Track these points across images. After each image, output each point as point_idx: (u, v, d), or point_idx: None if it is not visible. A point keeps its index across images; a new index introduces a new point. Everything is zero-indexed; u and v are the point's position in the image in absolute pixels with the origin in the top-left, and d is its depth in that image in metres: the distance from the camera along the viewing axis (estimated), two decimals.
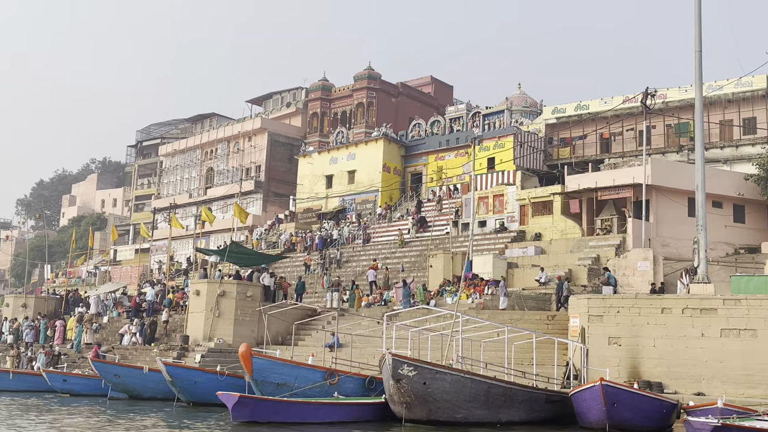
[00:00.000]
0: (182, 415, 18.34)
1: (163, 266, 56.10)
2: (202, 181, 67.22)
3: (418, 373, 14.75)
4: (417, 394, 14.92)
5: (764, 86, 37.98)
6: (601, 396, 15.01)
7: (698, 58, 24.69)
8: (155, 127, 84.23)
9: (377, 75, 60.99)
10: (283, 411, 15.40)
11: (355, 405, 16.44)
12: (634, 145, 41.67)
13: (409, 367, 14.66)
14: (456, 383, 15.06)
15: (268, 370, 16.63)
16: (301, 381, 16.87)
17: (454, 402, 15.19)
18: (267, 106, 69.91)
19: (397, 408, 15.61)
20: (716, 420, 12.20)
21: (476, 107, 49.37)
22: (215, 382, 19.79)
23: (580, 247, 34.64)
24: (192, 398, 20.47)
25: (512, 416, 16.29)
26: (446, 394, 15.07)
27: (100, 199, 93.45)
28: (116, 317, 35.99)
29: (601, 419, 15.54)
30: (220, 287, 28.69)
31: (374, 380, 17.83)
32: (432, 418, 15.32)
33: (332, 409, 16.01)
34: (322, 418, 15.67)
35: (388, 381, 15.10)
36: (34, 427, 15.60)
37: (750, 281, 23.10)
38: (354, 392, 17.41)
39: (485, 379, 15.78)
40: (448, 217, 43.91)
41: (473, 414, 15.57)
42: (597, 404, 15.27)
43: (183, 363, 21.25)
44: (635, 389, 16.08)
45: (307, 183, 55.29)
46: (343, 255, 43.42)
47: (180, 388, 20.25)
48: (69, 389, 24.30)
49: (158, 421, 17.23)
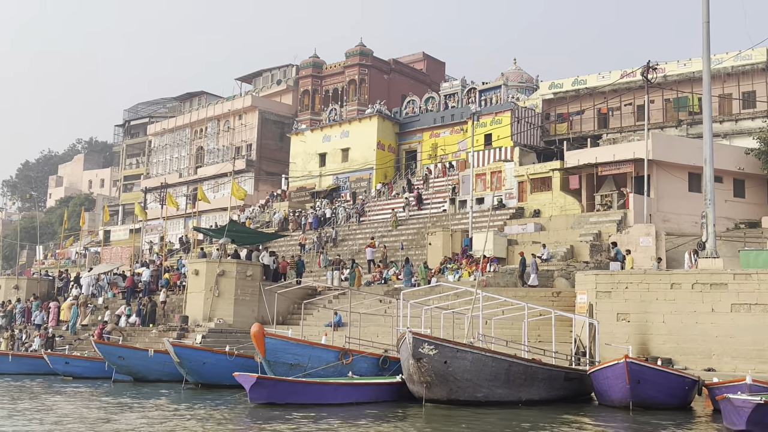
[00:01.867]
0: (193, 397, 17.83)
1: (154, 246, 55.52)
2: (192, 160, 66.48)
3: (439, 352, 14.35)
4: (438, 374, 14.53)
5: (764, 59, 37.66)
6: (626, 373, 14.67)
7: (706, 29, 24.32)
8: (143, 106, 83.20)
9: (369, 51, 60.27)
10: (302, 392, 14.96)
11: (373, 385, 16.02)
12: (633, 120, 41.36)
13: (430, 345, 14.26)
14: (477, 362, 14.68)
15: (281, 350, 16.15)
16: (314, 361, 16.44)
17: (475, 381, 14.83)
18: (257, 83, 69.03)
19: (417, 388, 15.24)
20: (759, 398, 11.85)
21: (472, 83, 48.81)
22: (224, 363, 19.35)
23: (580, 223, 34.35)
24: (200, 380, 20.00)
25: (532, 395, 15.96)
26: (467, 373, 14.71)
27: (88, 180, 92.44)
28: (111, 298, 35.45)
29: (624, 397, 15.22)
30: (219, 267, 28.20)
31: (388, 359, 17.44)
32: (452, 398, 14.97)
33: (351, 390, 15.59)
34: (341, 398, 15.25)
35: (407, 360, 14.67)
36: (56, 413, 14.99)
37: (759, 255, 22.88)
38: (368, 371, 16.99)
39: (506, 358, 15.42)
40: (444, 194, 43.51)
41: (494, 393, 15.22)
42: (621, 382, 14.94)
43: (191, 344, 20.72)
44: (659, 366, 15.76)
45: (300, 161, 54.67)
46: (339, 234, 43.00)
47: (188, 369, 19.73)
48: (71, 372, 23.72)
49: (170, 403, 16.71)
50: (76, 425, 13.22)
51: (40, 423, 13.53)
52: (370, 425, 13.39)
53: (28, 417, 14.29)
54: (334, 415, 14.01)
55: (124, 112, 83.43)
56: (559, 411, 15.52)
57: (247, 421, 13.86)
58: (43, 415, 14.65)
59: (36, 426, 13.17)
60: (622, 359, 14.91)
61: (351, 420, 13.69)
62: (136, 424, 13.36)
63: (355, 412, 14.49)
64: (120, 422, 13.62)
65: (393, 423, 13.83)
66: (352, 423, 13.43)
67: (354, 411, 14.61)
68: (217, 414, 14.73)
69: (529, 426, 13.55)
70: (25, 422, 13.57)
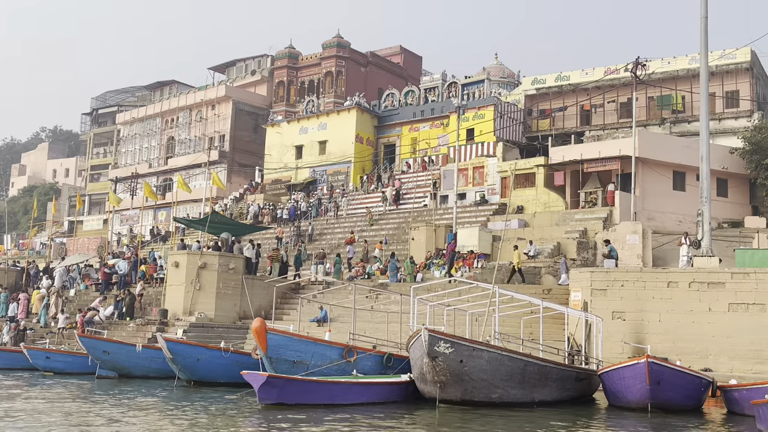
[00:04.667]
0: (190, 396, 16.64)
1: (123, 238, 54.08)
2: (162, 150, 64.99)
3: (455, 350, 13.65)
4: (453, 373, 13.83)
5: (748, 59, 37.66)
6: (646, 374, 14.15)
7: (704, 24, 24.01)
8: (111, 95, 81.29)
9: (347, 43, 59.39)
10: (313, 392, 14.06)
11: (384, 385, 15.28)
12: (616, 117, 41.18)
13: (446, 343, 13.58)
14: (493, 361, 14.02)
15: (283, 346, 15.26)
16: (317, 358, 15.60)
17: (491, 381, 14.17)
18: (230, 74, 67.72)
19: (429, 388, 14.53)
20: None
21: (453, 77, 48.23)
22: (219, 360, 18.48)
23: (565, 220, 34.05)
24: (194, 377, 19.01)
25: (545, 395, 15.37)
26: (483, 373, 14.05)
27: (52, 169, 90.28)
28: (84, 290, 34.29)
29: (642, 398, 14.67)
30: (201, 259, 27.28)
31: (392, 357, 16.71)
32: (467, 399, 14.30)
33: (362, 390, 14.78)
34: (353, 399, 14.41)
35: (421, 359, 13.93)
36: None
37: (755, 255, 22.66)
38: (372, 370, 16.20)
39: (522, 357, 14.79)
40: (425, 189, 42.95)
41: (509, 394, 14.58)
42: (639, 382, 14.39)
43: (184, 339, 19.72)
44: (678, 366, 15.28)
45: (276, 153, 53.63)
46: (317, 228, 42.23)
47: (181, 365, 18.70)
48: (52, 367, 22.41)
49: (170, 403, 15.56)
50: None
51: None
52: (395, 428, 12.61)
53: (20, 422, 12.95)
54: (348, 416, 13.05)
55: (91, 100, 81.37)
56: (574, 413, 14.97)
57: (262, 423, 12.89)
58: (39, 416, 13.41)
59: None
60: (643, 359, 14.40)
61: (372, 423, 12.85)
62: (143, 426, 12.39)
63: (370, 414, 13.56)
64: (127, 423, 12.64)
65: (418, 426, 13.09)
66: (375, 427, 12.60)
67: (367, 412, 13.72)
68: (226, 416, 13.60)
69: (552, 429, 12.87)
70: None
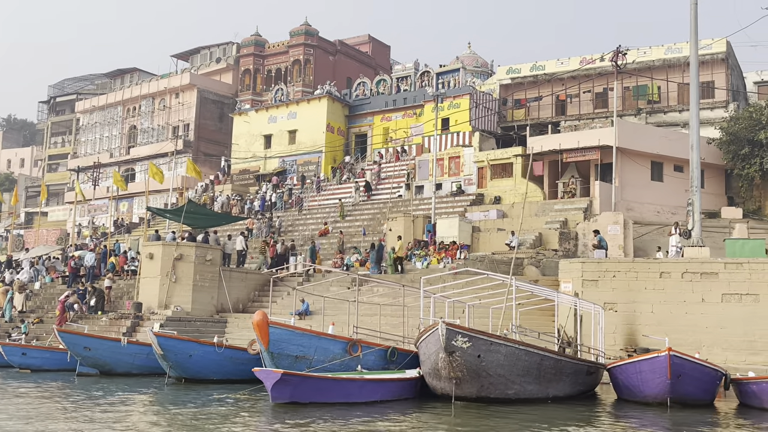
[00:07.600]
0: (188, 395, 15.42)
1: (84, 230, 52.44)
2: (124, 139, 63.30)
3: (473, 345, 12.96)
4: (470, 368, 13.13)
5: (723, 50, 37.69)
6: (668, 368, 13.65)
7: (694, 10, 23.73)
8: (70, 83, 79.01)
9: (315, 31, 58.39)
10: (328, 390, 13.15)
11: (397, 381, 14.48)
12: (591, 107, 41.00)
13: (464, 337, 12.92)
14: (510, 356, 13.40)
15: (285, 340, 14.38)
16: (320, 353, 14.76)
17: (507, 377, 13.52)
18: (194, 61, 66.15)
19: (443, 384, 13.85)
20: None
21: (426, 66, 47.56)
22: (212, 356, 17.54)
23: (545, 210, 33.72)
24: (185, 374, 17.99)
25: (558, 391, 14.80)
26: (500, 368, 13.40)
27: (6, 159, 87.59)
28: (49, 283, 32.96)
29: (662, 392, 14.14)
30: (176, 250, 26.25)
31: (396, 351, 15.99)
32: (482, 395, 13.65)
33: (376, 387, 13.92)
34: (366, 396, 13.58)
35: (436, 354, 13.19)
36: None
37: (745, 245, 22.45)
38: (375, 365, 15.45)
39: (539, 351, 14.19)
40: (399, 179, 42.29)
41: (525, 390, 13.94)
42: (659, 376, 13.88)
43: (174, 334, 18.70)
44: (697, 359, 14.84)
45: (243, 143, 52.42)
46: (287, 219, 41.33)
47: (172, 362, 17.68)
48: (29, 364, 21.03)
49: (170, 402, 14.42)
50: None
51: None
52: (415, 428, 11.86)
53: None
54: (363, 414, 12.37)
55: (49, 88, 79.10)
56: (589, 408, 14.43)
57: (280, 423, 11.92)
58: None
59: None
60: (664, 352, 13.91)
61: (389, 423, 12.11)
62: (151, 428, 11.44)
63: (386, 412, 12.67)
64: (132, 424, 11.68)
65: (438, 425, 12.34)
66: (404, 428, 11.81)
67: (382, 410, 12.86)
68: (240, 417, 12.65)
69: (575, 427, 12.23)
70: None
